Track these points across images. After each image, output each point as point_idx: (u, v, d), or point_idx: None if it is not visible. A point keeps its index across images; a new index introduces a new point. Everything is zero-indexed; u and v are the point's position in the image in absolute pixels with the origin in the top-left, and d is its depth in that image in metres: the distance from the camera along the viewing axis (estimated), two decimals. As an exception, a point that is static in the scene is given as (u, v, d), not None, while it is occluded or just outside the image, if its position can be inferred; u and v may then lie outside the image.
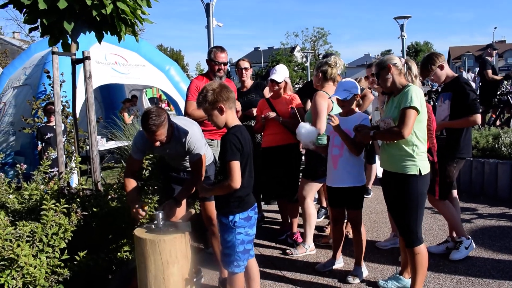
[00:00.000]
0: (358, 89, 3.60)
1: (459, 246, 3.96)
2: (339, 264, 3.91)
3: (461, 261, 3.90)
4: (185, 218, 3.27)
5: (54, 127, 5.34)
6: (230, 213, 2.76)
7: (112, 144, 9.18)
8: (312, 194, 4.24)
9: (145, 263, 2.75)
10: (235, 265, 2.81)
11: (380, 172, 3.91)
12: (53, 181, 3.89)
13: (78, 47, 4.02)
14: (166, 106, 17.31)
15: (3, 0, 3.54)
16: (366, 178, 4.52)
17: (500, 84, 9.03)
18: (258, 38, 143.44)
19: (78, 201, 3.54)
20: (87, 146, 6.61)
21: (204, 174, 3.30)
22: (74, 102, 4.11)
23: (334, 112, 4.06)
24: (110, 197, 3.80)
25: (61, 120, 4.09)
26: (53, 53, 3.93)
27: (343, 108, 3.63)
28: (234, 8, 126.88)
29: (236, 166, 2.66)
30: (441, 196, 3.89)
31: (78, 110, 4.45)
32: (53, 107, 6.06)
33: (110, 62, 8.55)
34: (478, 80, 11.22)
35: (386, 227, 4.88)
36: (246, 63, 5.09)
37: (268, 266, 4.01)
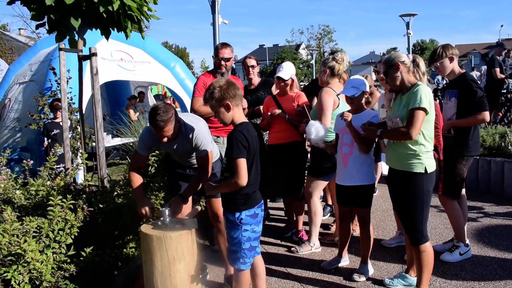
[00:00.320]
0: (367, 86, 3.57)
1: (454, 250, 3.93)
2: (345, 262, 3.90)
3: (467, 259, 3.88)
4: (191, 215, 3.27)
5: (61, 124, 5.36)
6: (236, 210, 2.76)
7: (117, 140, 9.21)
8: (318, 191, 4.23)
9: (151, 260, 2.76)
10: (241, 262, 2.81)
11: (385, 170, 3.89)
12: (59, 177, 3.90)
13: (84, 44, 4.03)
14: (171, 103, 17.31)
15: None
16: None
17: (506, 82, 8.99)
18: (263, 35, 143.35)
19: (84, 197, 3.55)
20: (93, 143, 6.64)
21: (210, 171, 3.30)
22: (80, 98, 4.12)
23: (340, 109, 4.05)
24: (116, 193, 3.82)
25: (67, 116, 4.10)
26: (60, 49, 3.94)
27: (352, 105, 3.61)
28: (239, 5, 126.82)
29: (242, 163, 2.65)
30: (449, 193, 3.85)
31: (83, 106, 4.45)
32: (59, 104, 6.08)
33: (116, 58, 8.56)
34: (484, 78, 11.18)
35: (392, 225, 4.87)
36: (253, 61, 5.08)
37: (273, 263, 4.01)
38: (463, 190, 4.07)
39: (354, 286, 3.55)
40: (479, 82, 11.70)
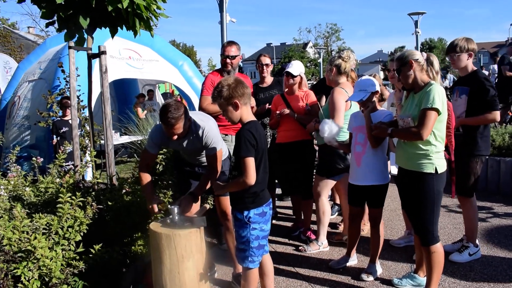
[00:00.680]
0: (376, 86, 3.52)
1: (463, 250, 3.89)
2: (353, 261, 3.89)
3: (476, 260, 3.85)
4: (200, 213, 3.27)
5: (70, 121, 5.38)
6: (245, 208, 2.76)
7: (126, 138, 9.26)
8: (327, 191, 4.22)
9: (160, 257, 2.77)
10: (250, 260, 2.81)
11: (394, 169, 3.87)
12: (68, 174, 3.92)
13: (93, 42, 4.04)
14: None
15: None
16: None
17: None
18: (271, 34, 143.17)
19: (93, 194, 3.57)
20: (101, 141, 6.67)
21: (220, 169, 3.30)
22: (90, 96, 4.14)
23: (352, 109, 4.03)
24: (124, 191, 3.83)
25: (77, 114, 4.12)
26: (69, 47, 3.96)
27: (363, 107, 3.57)
28: (246, 3, 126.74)
29: (250, 162, 2.65)
30: (465, 193, 3.81)
31: (92, 104, 4.47)
32: (68, 101, 6.11)
33: (124, 57, 8.59)
34: (493, 77, 11.10)
35: (400, 225, 4.85)
36: (267, 59, 5.10)
37: (281, 262, 4.01)
38: None
39: (363, 285, 3.53)
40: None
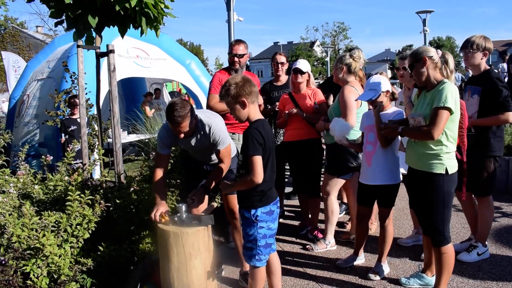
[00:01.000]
0: (385, 85, 3.50)
1: (472, 250, 3.86)
2: (361, 260, 3.88)
3: (485, 260, 3.83)
4: (207, 211, 3.28)
5: (78, 120, 5.41)
6: (252, 207, 2.76)
7: (133, 137, 9.30)
8: (336, 190, 4.21)
9: (167, 255, 2.78)
10: (257, 259, 2.81)
11: (402, 169, 3.85)
12: (76, 172, 3.94)
13: (101, 41, 4.06)
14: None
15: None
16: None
17: None
18: (278, 32, 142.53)
19: (101, 192, 3.59)
20: (109, 139, 6.69)
21: (229, 164, 3.31)
22: (98, 95, 4.15)
23: (363, 108, 4.02)
24: (132, 189, 3.85)
25: (85, 112, 4.14)
26: (78, 46, 3.97)
27: (374, 107, 3.56)
28: (253, 2, 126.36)
29: (258, 161, 2.65)
30: (481, 192, 3.78)
31: (100, 103, 4.48)
32: (76, 100, 6.15)
33: (132, 55, 8.62)
34: (502, 76, 11.01)
35: (408, 224, 4.82)
36: (283, 58, 5.10)
37: (288, 261, 4.01)
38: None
39: (370, 285, 3.52)
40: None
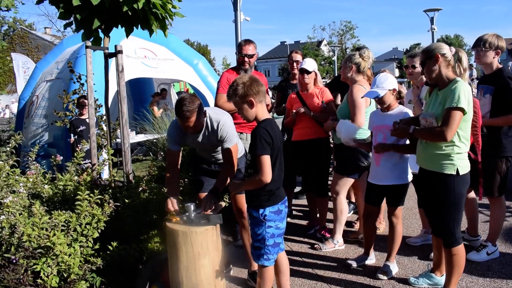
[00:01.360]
0: (392, 83, 3.49)
1: (481, 250, 3.84)
2: (371, 260, 3.86)
3: (494, 259, 3.81)
4: (216, 210, 3.28)
5: (87, 120, 5.45)
6: (260, 206, 2.76)
7: (141, 137, 9.34)
8: (345, 190, 4.21)
9: (176, 254, 2.79)
10: (265, 258, 2.81)
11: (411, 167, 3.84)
12: (86, 172, 3.98)
13: (109, 41, 4.09)
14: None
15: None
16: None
17: None
18: (284, 32, 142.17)
19: (110, 192, 3.62)
20: (117, 139, 6.73)
21: (237, 165, 3.32)
22: (106, 95, 4.18)
23: (372, 107, 4.01)
24: (141, 189, 3.87)
25: (94, 113, 4.17)
26: (86, 47, 4.00)
27: (380, 104, 3.56)
28: (260, 2, 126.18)
29: (266, 160, 2.65)
30: (494, 193, 3.73)
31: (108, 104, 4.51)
32: (85, 101, 6.19)
33: (140, 56, 8.66)
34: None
35: (417, 224, 4.80)
36: (298, 56, 5.13)
37: (296, 260, 4.01)
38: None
39: (378, 284, 3.51)
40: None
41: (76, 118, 6.68)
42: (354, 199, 5.26)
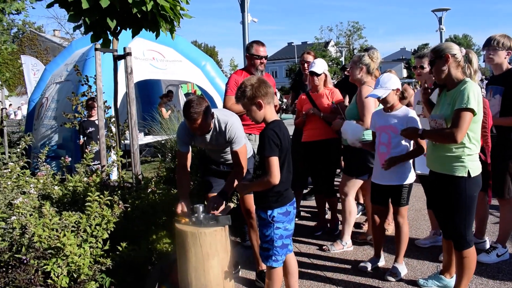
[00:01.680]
0: (396, 83, 3.49)
1: (491, 251, 3.81)
2: (381, 262, 3.84)
3: (505, 261, 3.78)
4: (224, 211, 3.29)
5: (96, 122, 5.49)
6: (268, 208, 2.77)
7: (150, 138, 9.38)
8: (354, 191, 4.20)
9: (185, 255, 2.80)
10: (274, 259, 2.81)
11: (418, 169, 3.82)
12: (95, 174, 4.01)
13: (117, 43, 4.12)
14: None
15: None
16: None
17: None
18: (292, 33, 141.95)
19: (119, 193, 3.64)
20: (126, 141, 6.77)
21: (246, 166, 3.33)
22: (115, 97, 4.21)
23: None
24: (150, 190, 3.89)
25: (103, 114, 4.20)
26: (96, 49, 4.04)
27: (384, 104, 3.56)
28: (267, 3, 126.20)
29: (274, 161, 2.66)
30: (504, 195, 3.69)
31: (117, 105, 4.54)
32: (94, 102, 6.23)
33: (148, 58, 8.70)
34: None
35: (425, 225, 4.78)
36: (310, 57, 5.15)
37: (305, 261, 4.01)
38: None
39: (387, 286, 3.50)
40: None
41: (85, 119, 6.73)
42: (362, 200, 5.25)
